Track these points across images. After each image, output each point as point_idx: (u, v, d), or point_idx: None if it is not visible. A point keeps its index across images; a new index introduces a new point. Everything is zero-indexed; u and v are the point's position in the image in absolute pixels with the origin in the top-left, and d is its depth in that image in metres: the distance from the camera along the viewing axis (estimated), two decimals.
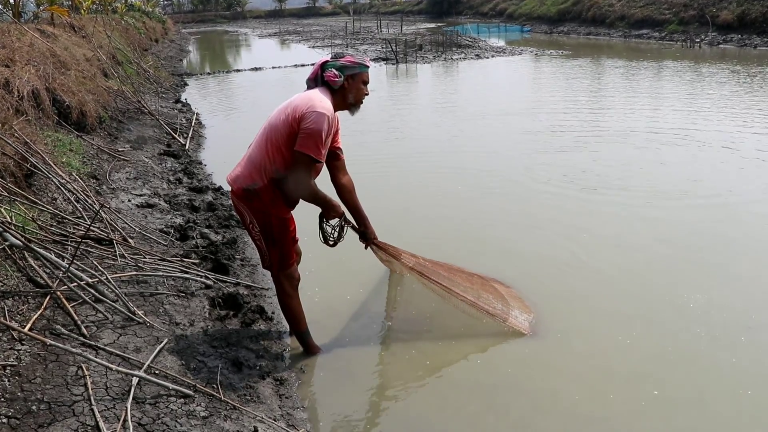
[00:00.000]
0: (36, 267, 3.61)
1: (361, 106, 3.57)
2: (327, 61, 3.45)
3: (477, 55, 22.83)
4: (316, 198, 3.47)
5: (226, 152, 8.99)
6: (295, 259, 3.74)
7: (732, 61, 18.27)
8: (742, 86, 13.61)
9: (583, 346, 3.85)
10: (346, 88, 3.44)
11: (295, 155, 3.30)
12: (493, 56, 22.82)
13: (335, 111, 3.47)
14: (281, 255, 3.58)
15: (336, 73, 3.39)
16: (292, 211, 3.61)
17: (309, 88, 3.50)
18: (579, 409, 3.29)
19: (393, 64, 21.27)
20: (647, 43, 26.45)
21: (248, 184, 3.40)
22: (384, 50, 23.96)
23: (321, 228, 3.76)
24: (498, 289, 4.28)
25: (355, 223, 3.90)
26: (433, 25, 42.84)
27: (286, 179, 3.37)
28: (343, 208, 3.76)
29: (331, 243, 3.80)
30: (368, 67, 3.50)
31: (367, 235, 3.96)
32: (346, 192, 3.81)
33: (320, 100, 3.33)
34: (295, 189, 3.38)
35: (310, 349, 3.80)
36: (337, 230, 3.75)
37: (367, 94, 3.54)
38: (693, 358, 3.71)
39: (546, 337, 3.93)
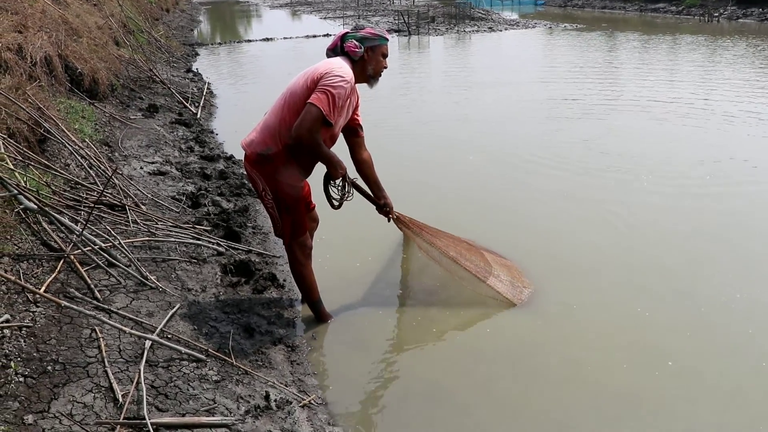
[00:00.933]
0: (50, 231, 3.64)
1: (380, 79, 3.57)
2: (347, 33, 3.45)
3: (490, 28, 22.58)
4: (320, 150, 3.36)
5: (237, 121, 8.97)
6: (309, 227, 3.73)
7: (751, 36, 17.97)
8: (761, 60, 13.40)
9: (597, 318, 3.84)
10: (366, 59, 3.44)
11: (306, 107, 3.25)
12: (506, 29, 22.56)
13: (358, 81, 3.48)
14: (294, 223, 3.57)
15: (356, 44, 3.39)
16: (306, 179, 3.60)
17: (329, 57, 3.48)
18: (591, 378, 3.30)
19: (405, 35, 21.08)
20: (663, 17, 26.06)
21: (262, 149, 3.38)
22: (396, 22, 23.71)
23: (326, 190, 3.74)
24: (485, 255, 4.26)
25: (369, 191, 3.88)
26: None
27: (294, 131, 3.28)
28: (361, 181, 3.79)
29: (336, 205, 3.77)
30: (388, 39, 3.51)
31: (385, 208, 3.94)
32: (366, 167, 3.79)
33: (341, 66, 3.34)
34: (297, 134, 3.26)
35: (321, 317, 3.81)
36: (341, 190, 3.72)
37: (385, 67, 3.55)
38: (708, 331, 3.71)
39: (558, 309, 3.93)
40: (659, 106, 9.28)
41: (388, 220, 4.05)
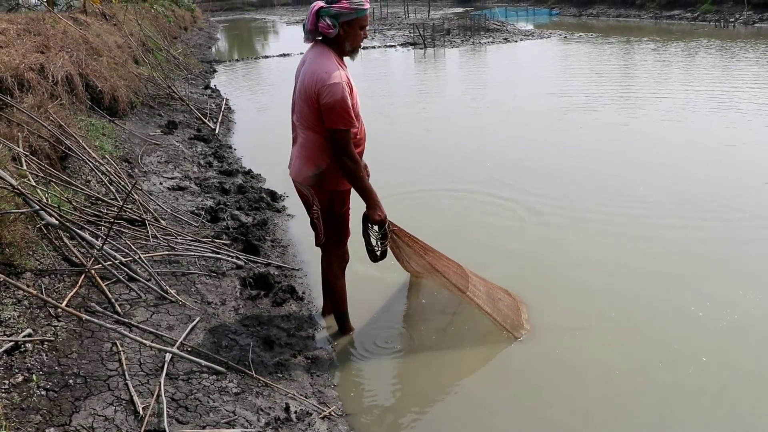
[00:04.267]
0: (71, 246, 3.67)
1: (360, 49, 3.33)
2: (322, 8, 3.13)
3: (505, 39, 22.60)
4: (360, 178, 3.26)
5: (255, 137, 9.07)
6: (348, 240, 3.65)
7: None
8: None
9: (635, 329, 3.80)
10: (342, 36, 3.19)
11: (331, 134, 3.19)
12: (521, 40, 22.59)
13: (339, 58, 3.25)
14: (338, 232, 3.53)
15: (329, 23, 3.11)
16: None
17: (306, 39, 3.27)
18: (627, 383, 3.27)
19: (421, 48, 21.16)
20: (679, 24, 25.94)
21: (313, 171, 3.31)
22: (412, 35, 23.85)
23: (365, 237, 3.52)
24: (464, 270, 3.93)
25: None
26: (460, 10, 42.50)
27: (339, 160, 3.23)
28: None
29: (377, 254, 3.55)
30: (366, 9, 3.19)
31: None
32: None
33: (325, 71, 3.12)
34: (341, 164, 3.22)
35: (346, 329, 3.79)
36: (380, 239, 3.50)
37: (365, 38, 3.29)
38: (742, 330, 3.69)
39: (592, 323, 3.87)
40: (677, 113, 9.22)
41: (386, 247, 3.62)
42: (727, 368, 3.37)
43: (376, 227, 3.47)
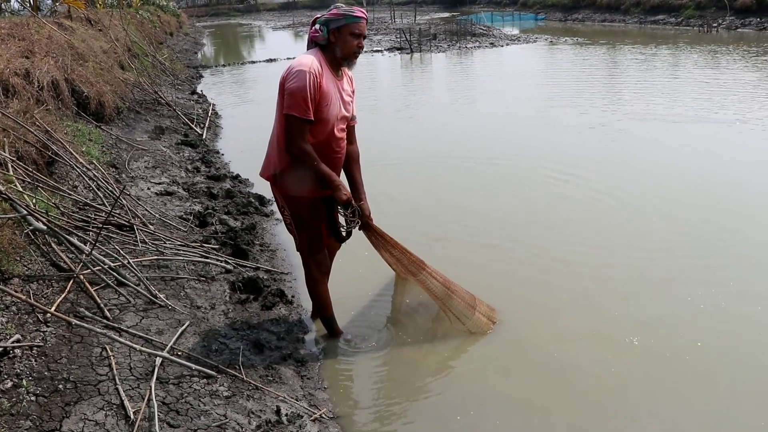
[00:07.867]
0: (59, 252, 3.66)
1: (356, 60, 3.34)
2: (318, 17, 3.28)
3: (491, 44, 22.72)
4: (312, 164, 3.22)
5: (242, 141, 9.05)
6: (327, 244, 3.66)
7: (750, 44, 18.03)
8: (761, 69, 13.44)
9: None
10: (333, 42, 3.24)
11: (284, 119, 3.18)
12: (507, 44, 22.71)
13: (336, 67, 3.32)
14: (310, 239, 3.54)
15: (317, 28, 3.23)
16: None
17: (308, 48, 3.35)
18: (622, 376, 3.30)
19: (407, 53, 21.22)
20: (663, 28, 26.18)
21: (273, 170, 3.37)
22: (398, 40, 23.93)
23: (331, 219, 3.58)
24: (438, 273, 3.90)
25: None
26: (446, 15, 42.63)
27: (290, 152, 3.23)
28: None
29: (344, 236, 3.64)
30: (358, 17, 3.21)
31: (358, 213, 3.52)
32: (349, 161, 3.58)
33: (297, 61, 3.18)
34: (289, 151, 3.23)
35: (334, 332, 3.80)
36: (348, 219, 3.51)
37: (361, 47, 3.29)
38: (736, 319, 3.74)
39: (589, 317, 3.93)
40: (663, 115, 9.31)
41: (355, 227, 3.59)
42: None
43: (341, 208, 3.51)
